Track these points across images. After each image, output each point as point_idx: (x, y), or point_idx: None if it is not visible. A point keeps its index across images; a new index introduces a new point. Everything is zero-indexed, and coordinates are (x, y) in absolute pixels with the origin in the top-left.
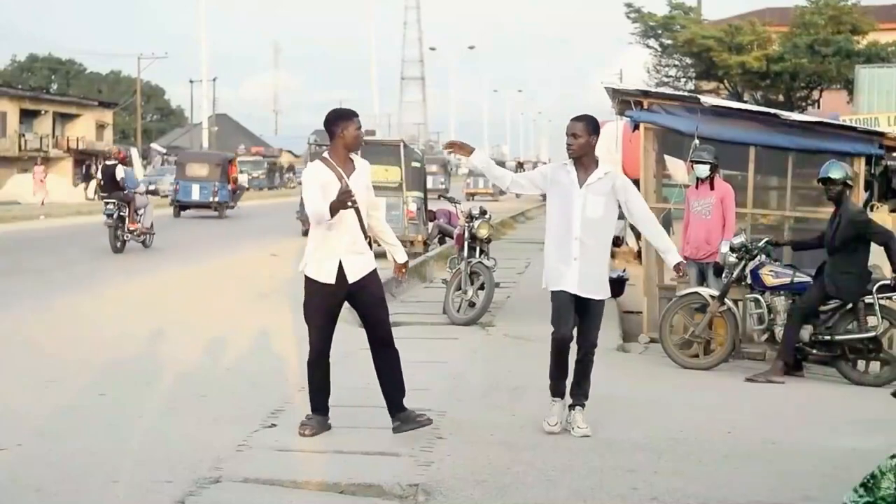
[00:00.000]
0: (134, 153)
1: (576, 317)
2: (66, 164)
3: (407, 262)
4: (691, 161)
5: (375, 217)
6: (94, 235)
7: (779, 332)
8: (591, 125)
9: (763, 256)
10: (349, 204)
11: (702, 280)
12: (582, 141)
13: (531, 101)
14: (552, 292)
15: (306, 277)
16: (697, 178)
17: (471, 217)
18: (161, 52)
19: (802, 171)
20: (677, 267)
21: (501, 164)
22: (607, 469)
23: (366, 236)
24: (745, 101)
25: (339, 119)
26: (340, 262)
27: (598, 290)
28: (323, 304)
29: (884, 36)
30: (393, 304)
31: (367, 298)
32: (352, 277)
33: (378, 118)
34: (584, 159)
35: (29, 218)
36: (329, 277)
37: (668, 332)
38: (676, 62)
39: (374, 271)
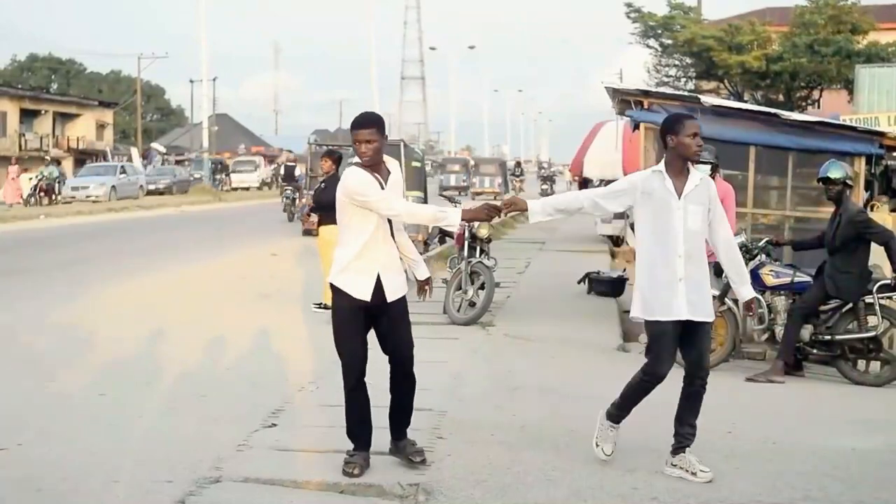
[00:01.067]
0: (134, 153)
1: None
2: (67, 164)
3: (429, 278)
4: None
5: (398, 228)
6: (94, 235)
7: (779, 331)
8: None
9: (763, 256)
10: (489, 217)
11: None
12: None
13: (531, 101)
14: (654, 322)
15: (336, 290)
16: None
17: None
18: (161, 51)
19: (802, 171)
20: (749, 304)
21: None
22: (607, 469)
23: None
24: (746, 101)
25: (351, 127)
26: (379, 278)
27: (708, 311)
28: (356, 320)
29: (884, 36)
30: None
31: (397, 321)
32: (391, 295)
33: None
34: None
35: (29, 218)
36: (365, 294)
37: None
38: (676, 62)
39: (405, 296)
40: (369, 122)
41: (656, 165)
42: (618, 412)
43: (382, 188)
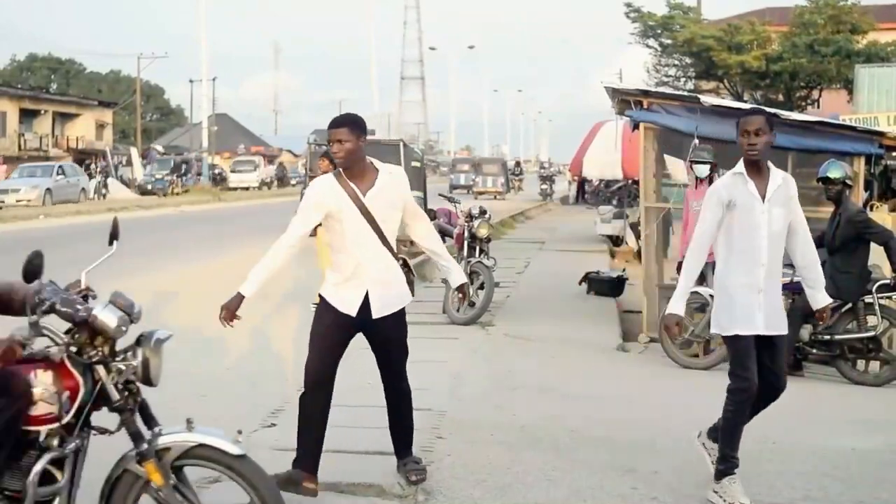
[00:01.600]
0: (133, 153)
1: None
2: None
3: (464, 284)
4: (690, 161)
5: (418, 233)
6: (93, 235)
7: None
8: (769, 120)
9: None
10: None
11: (701, 280)
12: (766, 139)
13: (531, 101)
14: (734, 337)
15: (322, 300)
16: (697, 178)
17: (470, 216)
18: (161, 51)
19: (802, 171)
20: (821, 313)
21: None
22: (607, 469)
23: (396, 258)
24: (745, 101)
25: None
26: (367, 293)
27: (783, 324)
28: (335, 333)
29: (883, 36)
30: None
31: (387, 338)
32: (378, 312)
33: (378, 118)
34: (760, 162)
35: (29, 217)
36: (350, 308)
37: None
38: (676, 62)
39: (403, 309)
40: (341, 122)
41: (735, 167)
42: (726, 463)
43: (361, 196)
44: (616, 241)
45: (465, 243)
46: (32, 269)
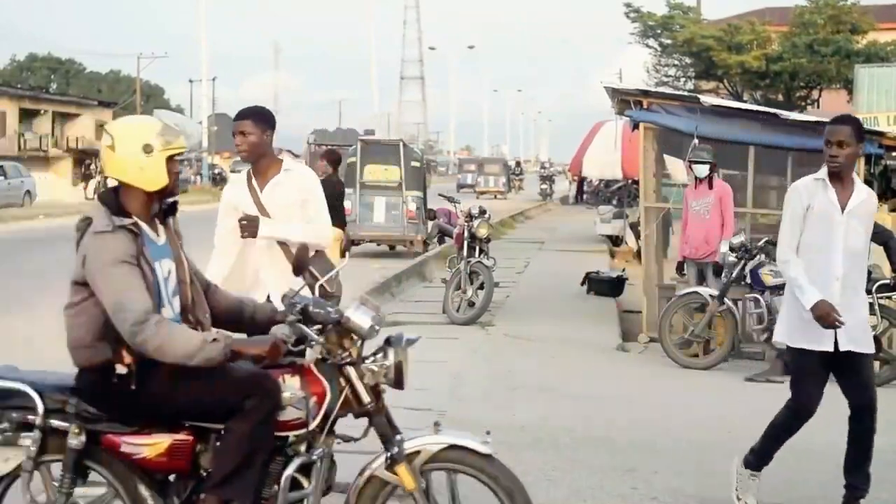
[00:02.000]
0: None
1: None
2: (66, 163)
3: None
4: (690, 161)
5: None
6: None
7: None
8: (857, 130)
9: (762, 256)
10: None
11: (701, 280)
12: (849, 151)
13: (531, 101)
14: (798, 350)
15: None
16: (696, 178)
17: (470, 216)
18: (161, 51)
19: (802, 171)
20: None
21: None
22: (607, 469)
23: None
24: (745, 101)
25: None
26: (269, 296)
27: (866, 342)
28: None
29: (883, 35)
30: (393, 304)
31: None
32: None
33: (378, 118)
34: (843, 173)
35: (28, 217)
36: None
37: (667, 332)
38: (676, 62)
39: None
40: (246, 114)
41: (817, 173)
42: (759, 458)
43: (259, 193)
44: (616, 241)
45: (465, 243)
46: (301, 264)
